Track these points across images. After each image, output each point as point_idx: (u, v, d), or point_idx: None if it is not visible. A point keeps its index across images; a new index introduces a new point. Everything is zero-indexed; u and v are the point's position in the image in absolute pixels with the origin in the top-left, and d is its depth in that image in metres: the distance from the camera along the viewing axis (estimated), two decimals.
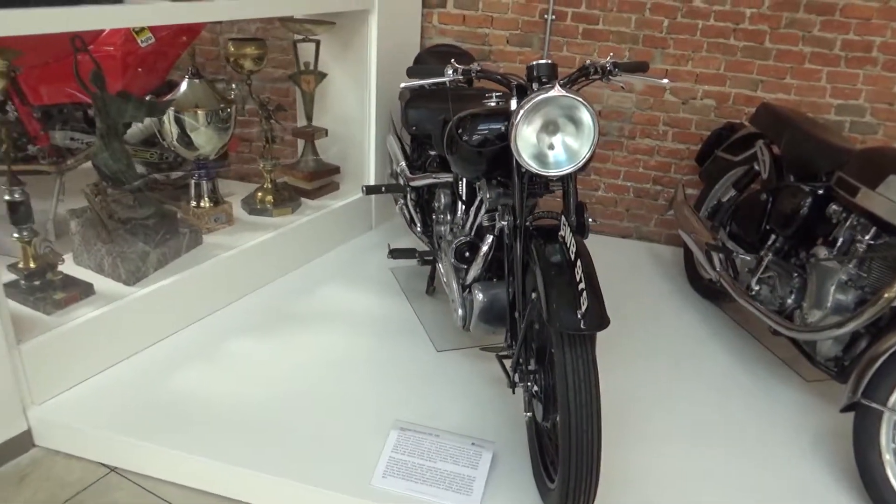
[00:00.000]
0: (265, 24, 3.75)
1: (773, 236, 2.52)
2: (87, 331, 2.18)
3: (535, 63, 1.77)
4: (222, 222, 2.87)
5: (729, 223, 2.85)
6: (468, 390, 2.28)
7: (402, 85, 1.92)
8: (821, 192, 2.36)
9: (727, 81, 3.29)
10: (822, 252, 2.27)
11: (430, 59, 2.97)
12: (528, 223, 1.79)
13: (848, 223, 2.22)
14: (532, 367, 1.80)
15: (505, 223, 1.83)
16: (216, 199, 2.87)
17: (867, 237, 2.14)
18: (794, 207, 2.39)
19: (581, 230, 1.79)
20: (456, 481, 1.87)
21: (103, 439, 2.02)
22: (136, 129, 3.03)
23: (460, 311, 2.19)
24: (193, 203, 2.84)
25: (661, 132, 3.45)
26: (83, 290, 2.27)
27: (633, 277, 3.22)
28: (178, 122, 2.63)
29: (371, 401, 2.20)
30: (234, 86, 2.87)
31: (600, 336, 2.60)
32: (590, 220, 1.80)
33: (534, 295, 1.69)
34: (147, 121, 2.81)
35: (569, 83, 1.83)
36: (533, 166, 1.66)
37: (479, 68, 1.88)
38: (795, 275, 2.36)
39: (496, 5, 3.44)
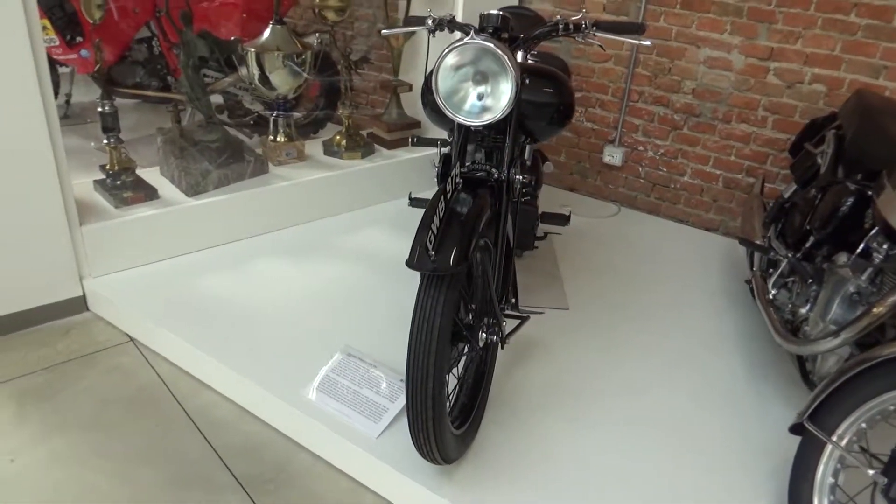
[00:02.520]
0: None
1: (811, 238, 2.21)
2: (142, 226, 2.62)
3: (485, 13, 1.76)
4: (293, 157, 3.20)
5: (782, 220, 2.52)
6: None
7: (384, 32, 2.02)
8: (870, 192, 2.02)
9: (842, 65, 2.85)
10: (841, 258, 1.97)
11: None
12: (459, 173, 1.81)
13: (875, 229, 1.89)
14: None
15: (436, 169, 1.86)
16: (290, 136, 3.19)
17: (885, 246, 1.81)
18: (834, 206, 2.08)
19: (509, 188, 1.78)
20: (370, 408, 1.98)
21: (129, 315, 2.44)
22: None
23: None
24: (271, 137, 3.20)
25: (759, 118, 3.10)
26: (148, 194, 2.72)
27: (693, 271, 2.98)
28: (259, 63, 2.97)
29: (343, 327, 2.37)
30: (317, 35, 3.14)
31: (618, 318, 2.52)
32: (517, 177, 1.77)
33: None
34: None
35: (524, 40, 1.81)
36: (448, 109, 1.68)
37: (450, 18, 1.92)
38: (811, 281, 2.06)
39: None
